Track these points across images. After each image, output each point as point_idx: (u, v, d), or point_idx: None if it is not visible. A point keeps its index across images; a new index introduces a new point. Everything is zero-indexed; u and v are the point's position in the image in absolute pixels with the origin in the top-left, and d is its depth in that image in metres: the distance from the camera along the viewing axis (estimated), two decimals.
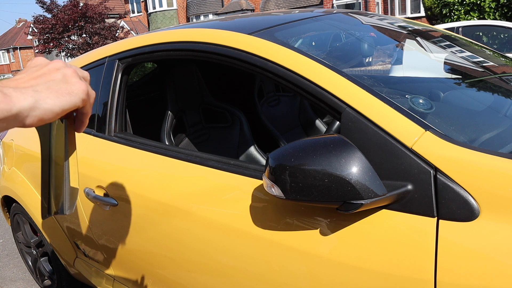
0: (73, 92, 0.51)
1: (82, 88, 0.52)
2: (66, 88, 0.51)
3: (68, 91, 0.51)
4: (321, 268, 0.92)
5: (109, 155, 1.51)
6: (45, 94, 0.48)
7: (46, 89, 0.49)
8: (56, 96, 0.49)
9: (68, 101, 0.50)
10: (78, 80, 0.53)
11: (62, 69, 0.53)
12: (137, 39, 1.57)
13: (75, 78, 0.53)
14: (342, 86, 0.98)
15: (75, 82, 0.52)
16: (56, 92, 0.49)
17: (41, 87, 0.49)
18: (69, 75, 0.53)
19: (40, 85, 0.49)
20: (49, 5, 20.06)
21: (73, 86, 0.52)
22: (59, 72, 0.52)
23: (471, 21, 6.58)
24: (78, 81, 0.53)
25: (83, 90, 0.52)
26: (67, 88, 0.51)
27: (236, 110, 1.91)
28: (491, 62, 1.52)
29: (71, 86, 0.52)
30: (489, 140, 0.95)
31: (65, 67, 0.54)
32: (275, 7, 20.96)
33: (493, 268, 0.71)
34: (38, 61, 0.55)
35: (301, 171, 0.83)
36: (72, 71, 0.53)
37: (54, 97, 0.49)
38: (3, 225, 3.61)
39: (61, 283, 2.18)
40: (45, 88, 0.49)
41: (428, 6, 14.13)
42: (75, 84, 0.52)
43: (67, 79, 0.52)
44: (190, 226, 1.19)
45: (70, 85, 0.52)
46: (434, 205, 0.80)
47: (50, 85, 0.50)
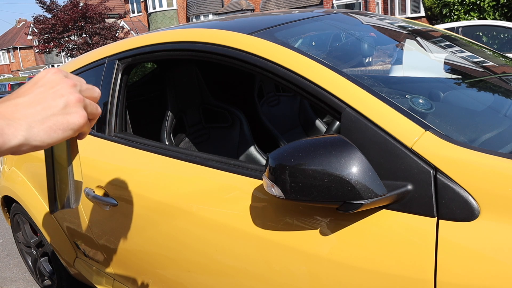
0: (68, 127, 0.50)
1: (79, 122, 0.51)
2: (62, 122, 0.50)
3: (63, 126, 0.50)
4: (321, 268, 0.92)
5: (109, 155, 1.51)
6: (37, 130, 0.48)
7: (41, 123, 0.48)
8: (48, 133, 0.49)
9: (60, 137, 0.50)
10: (78, 111, 0.51)
11: (66, 96, 0.51)
12: (137, 39, 1.57)
13: (77, 107, 0.52)
14: (342, 86, 0.98)
15: (74, 113, 0.51)
16: (49, 128, 0.49)
17: (36, 120, 0.48)
18: (72, 104, 0.51)
19: (35, 116, 0.48)
20: (49, 5, 20.07)
21: (71, 118, 0.51)
22: (62, 99, 0.51)
23: (471, 21, 6.58)
24: (78, 111, 0.51)
25: (79, 123, 0.51)
26: (63, 122, 0.50)
27: (236, 110, 1.91)
28: (491, 62, 1.52)
29: (69, 118, 0.50)
30: (489, 140, 0.95)
31: (70, 93, 0.52)
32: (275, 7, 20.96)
33: (493, 268, 0.71)
34: (46, 79, 0.53)
35: (301, 171, 0.83)
36: (76, 100, 0.52)
37: (46, 133, 0.48)
38: (3, 225, 3.61)
39: (61, 283, 2.18)
40: (39, 122, 0.48)
41: (428, 6, 14.13)
42: (74, 116, 0.51)
43: (68, 109, 0.51)
44: (190, 226, 1.19)
45: (67, 118, 0.50)
46: (434, 205, 0.80)
47: (46, 118, 0.49)
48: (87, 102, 0.54)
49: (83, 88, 0.55)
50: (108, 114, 1.56)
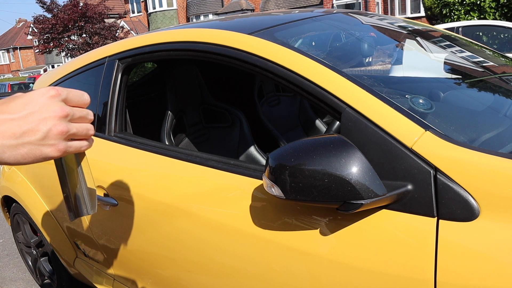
0: (39, 157, 0.51)
1: (52, 155, 0.51)
2: (35, 152, 0.50)
3: (35, 155, 0.50)
4: (321, 268, 0.92)
5: (109, 155, 1.51)
6: (8, 155, 0.49)
7: (14, 149, 0.49)
8: (18, 159, 0.49)
9: (31, 162, 0.51)
10: (56, 144, 0.51)
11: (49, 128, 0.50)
12: (137, 39, 1.57)
13: (56, 140, 0.51)
14: (342, 86, 0.98)
15: (50, 146, 0.51)
16: (21, 155, 0.49)
17: (11, 144, 0.48)
18: (52, 137, 0.51)
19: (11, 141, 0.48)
20: (49, 5, 20.07)
21: (46, 150, 0.51)
22: (44, 129, 0.50)
23: (471, 21, 6.58)
24: (55, 145, 0.51)
25: (52, 156, 0.51)
26: (36, 152, 0.50)
27: (236, 110, 1.91)
28: (491, 62, 1.52)
29: (43, 150, 0.50)
30: (489, 140, 0.95)
31: (55, 125, 0.51)
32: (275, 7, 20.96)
33: (493, 268, 0.71)
34: (39, 102, 0.51)
35: (301, 171, 0.83)
36: (58, 133, 0.51)
37: (16, 160, 0.49)
38: (3, 225, 3.61)
39: (61, 283, 2.18)
40: (13, 148, 0.49)
41: (428, 6, 14.13)
42: (48, 149, 0.51)
43: (46, 141, 0.50)
44: (190, 226, 1.19)
45: (42, 149, 0.50)
46: (434, 205, 0.80)
47: (21, 145, 0.49)
48: (73, 130, 0.54)
49: (76, 116, 0.54)
50: (108, 114, 1.56)
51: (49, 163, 1.78)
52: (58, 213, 1.85)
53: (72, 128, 0.53)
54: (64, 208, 1.78)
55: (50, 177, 1.82)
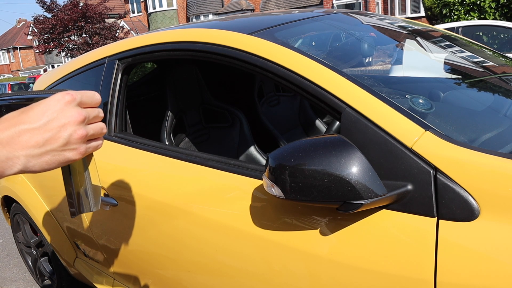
0: (63, 161, 0.52)
1: (75, 158, 0.53)
2: (59, 157, 0.52)
3: (59, 161, 0.52)
4: (321, 268, 0.92)
5: (109, 155, 1.51)
6: (33, 164, 0.50)
7: (38, 157, 0.50)
8: (43, 166, 0.51)
9: (55, 167, 0.52)
10: (78, 148, 0.53)
11: (70, 134, 0.52)
12: (137, 39, 1.57)
13: (77, 144, 0.53)
14: (342, 86, 0.98)
15: (72, 150, 0.53)
16: (45, 162, 0.51)
17: (35, 153, 0.50)
18: (73, 142, 0.53)
19: (35, 150, 0.50)
20: (49, 5, 20.07)
21: (68, 154, 0.53)
22: (65, 136, 0.52)
23: (471, 21, 6.58)
24: (77, 148, 0.53)
25: (74, 159, 0.53)
26: (60, 157, 0.52)
27: (236, 110, 1.91)
28: (491, 62, 1.52)
29: (66, 154, 0.52)
30: (489, 140, 0.95)
31: (75, 130, 0.53)
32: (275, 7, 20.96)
33: (493, 268, 0.71)
34: (57, 109, 0.52)
35: (301, 171, 0.83)
36: (79, 137, 0.53)
37: (41, 167, 0.51)
38: (3, 225, 3.61)
39: (61, 283, 2.18)
40: (37, 157, 0.50)
41: (428, 6, 14.13)
42: (71, 153, 0.53)
43: (68, 146, 0.52)
44: (190, 226, 1.19)
45: (65, 154, 0.52)
46: (434, 205, 0.80)
47: (45, 153, 0.51)
48: (91, 132, 0.55)
49: (91, 116, 0.56)
50: (108, 114, 1.56)
51: None
52: (58, 213, 1.85)
53: (90, 130, 0.55)
54: (64, 208, 1.78)
55: (50, 177, 1.82)
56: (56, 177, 1.76)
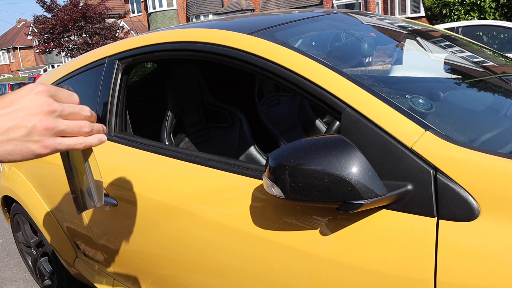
0: (27, 154, 0.50)
1: (39, 152, 0.51)
2: (21, 148, 0.50)
3: (21, 152, 0.50)
4: (321, 268, 0.92)
5: (109, 155, 1.51)
6: None
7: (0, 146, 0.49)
8: (5, 156, 0.49)
9: (19, 160, 0.50)
10: (42, 140, 0.50)
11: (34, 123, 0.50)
12: (137, 39, 1.57)
13: (42, 136, 0.50)
14: (342, 86, 0.98)
15: (36, 142, 0.50)
16: (7, 151, 0.49)
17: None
18: (37, 132, 0.50)
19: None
20: (49, 5, 20.07)
21: (32, 147, 0.50)
22: (29, 125, 0.50)
23: (471, 21, 6.58)
24: (41, 141, 0.50)
25: (39, 153, 0.51)
26: (23, 148, 0.50)
27: (236, 110, 1.91)
28: (491, 62, 1.52)
29: (29, 146, 0.50)
30: (489, 140, 0.95)
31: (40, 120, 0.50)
32: (275, 7, 20.96)
33: (493, 268, 0.71)
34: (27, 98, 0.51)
35: (301, 171, 0.83)
36: (43, 128, 0.50)
37: (3, 156, 0.49)
38: (3, 225, 3.61)
39: (61, 283, 2.18)
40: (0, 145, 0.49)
41: (428, 6, 14.13)
42: (35, 145, 0.50)
43: (31, 137, 0.50)
44: (190, 226, 1.19)
45: (28, 145, 0.50)
46: (434, 205, 0.80)
47: (7, 142, 0.49)
48: (62, 127, 0.52)
49: (65, 112, 0.53)
50: (108, 114, 1.56)
51: (49, 162, 1.78)
52: (58, 213, 1.85)
53: (61, 125, 0.52)
54: (64, 208, 1.78)
55: (50, 177, 1.82)
56: (56, 177, 1.76)
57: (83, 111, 0.56)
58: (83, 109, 0.56)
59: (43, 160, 1.84)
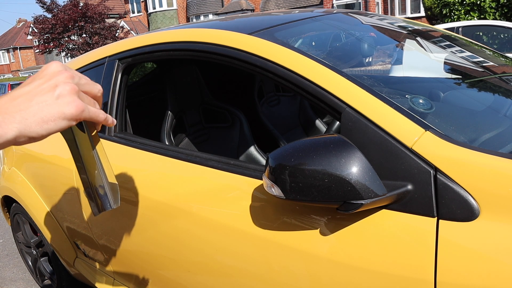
0: (60, 117, 0.52)
1: (72, 112, 0.52)
2: (54, 113, 0.51)
3: (54, 117, 0.51)
4: (321, 268, 0.92)
5: (109, 155, 1.50)
6: (31, 122, 0.50)
7: (33, 115, 0.50)
8: (40, 125, 0.50)
9: (53, 128, 0.51)
10: (72, 100, 0.53)
11: (60, 86, 0.53)
12: (137, 39, 1.57)
13: (71, 97, 0.53)
14: (342, 86, 0.98)
15: (67, 103, 0.52)
16: (42, 119, 0.50)
17: (30, 112, 0.50)
18: (65, 94, 0.52)
19: (29, 109, 0.50)
20: (49, 5, 20.07)
21: (64, 108, 0.52)
22: (56, 89, 0.52)
23: (471, 21, 6.58)
24: (72, 101, 0.53)
25: (72, 113, 0.52)
26: (55, 112, 0.51)
27: (236, 110, 1.91)
28: (491, 62, 1.52)
29: (61, 108, 0.52)
30: (489, 140, 0.95)
31: (65, 83, 0.53)
32: (275, 7, 20.96)
33: (493, 268, 0.71)
34: (46, 71, 0.55)
35: (301, 171, 0.83)
36: (70, 90, 0.53)
37: (39, 125, 0.50)
38: (3, 225, 3.61)
39: (61, 283, 2.18)
40: (32, 114, 0.50)
41: (428, 6, 14.13)
42: (67, 106, 0.52)
43: (61, 99, 0.52)
44: (190, 226, 1.19)
45: (60, 108, 0.52)
46: (434, 205, 0.80)
47: (39, 110, 0.51)
48: (83, 95, 0.55)
49: (82, 82, 0.56)
50: (108, 114, 1.56)
51: (49, 162, 1.78)
52: (58, 213, 1.85)
53: (81, 92, 0.55)
54: (64, 208, 1.78)
55: (50, 177, 1.82)
56: (56, 177, 1.76)
57: (96, 87, 0.59)
58: (96, 85, 0.59)
59: (43, 160, 1.84)
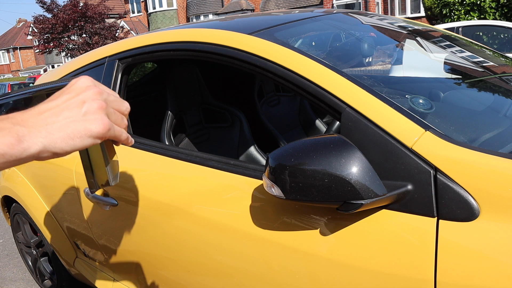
0: (86, 135, 0.50)
1: (98, 130, 0.51)
2: (80, 129, 0.50)
3: (81, 134, 0.50)
4: (321, 268, 0.92)
5: None
6: (56, 137, 0.49)
7: (59, 130, 0.49)
8: (66, 141, 0.49)
9: (79, 145, 0.50)
10: (99, 118, 0.52)
11: (88, 103, 0.52)
12: (137, 39, 1.57)
13: (98, 114, 0.52)
14: (342, 86, 0.98)
15: (94, 120, 0.51)
16: (67, 135, 0.49)
17: (56, 127, 0.49)
18: (92, 111, 0.51)
19: (55, 124, 0.49)
20: (49, 5, 20.07)
21: (91, 126, 0.51)
22: (84, 106, 0.51)
23: (471, 21, 6.58)
24: (99, 119, 0.52)
25: (98, 131, 0.51)
26: (81, 129, 0.50)
27: (236, 110, 1.91)
28: (491, 62, 1.52)
29: (88, 125, 0.51)
30: (489, 140, 0.95)
31: (93, 100, 0.52)
32: (275, 7, 20.96)
33: (493, 268, 0.71)
34: (74, 86, 0.54)
35: (301, 171, 0.83)
36: (98, 107, 0.52)
37: (64, 141, 0.49)
38: (3, 225, 3.61)
39: (61, 283, 2.18)
40: (58, 130, 0.49)
41: (428, 6, 14.13)
42: (94, 123, 0.51)
43: (88, 116, 0.51)
44: (190, 226, 1.19)
45: (87, 125, 0.51)
46: (434, 205, 0.80)
47: (65, 125, 0.50)
48: (111, 111, 0.54)
49: (110, 99, 0.55)
50: None
51: (49, 162, 1.78)
52: (58, 213, 1.85)
53: (109, 108, 0.54)
54: (64, 208, 1.78)
55: (50, 177, 1.82)
56: (56, 177, 1.76)
57: (123, 104, 0.57)
58: (124, 102, 0.57)
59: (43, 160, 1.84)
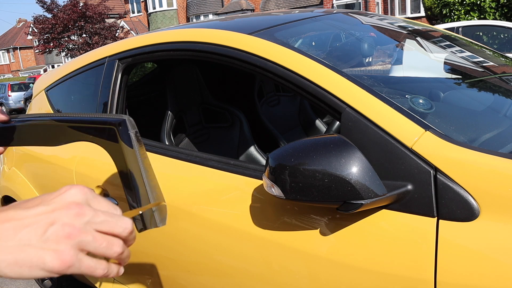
0: (37, 266, 0.39)
1: (53, 265, 0.39)
2: (32, 258, 0.39)
3: (31, 263, 0.39)
4: (321, 268, 0.92)
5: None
6: (2, 259, 0.39)
7: (9, 252, 0.39)
8: (11, 267, 0.39)
9: (26, 275, 0.39)
10: (60, 249, 0.39)
11: (55, 227, 0.40)
12: (137, 39, 1.57)
13: (60, 244, 0.40)
14: (342, 86, 0.98)
15: (52, 253, 0.39)
16: (16, 261, 0.39)
17: (7, 246, 0.39)
18: (54, 239, 0.40)
19: (8, 243, 0.39)
20: (49, 5, 20.08)
21: (45, 256, 0.39)
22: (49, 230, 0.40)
23: (471, 21, 6.58)
24: (58, 250, 0.39)
25: (53, 267, 0.39)
26: (35, 258, 0.39)
27: (236, 110, 1.91)
28: (491, 62, 1.52)
29: (43, 255, 0.39)
30: (489, 140, 0.95)
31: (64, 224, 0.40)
32: (275, 7, 20.97)
33: (493, 268, 0.71)
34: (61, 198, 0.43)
35: (301, 171, 0.83)
36: (63, 236, 0.40)
37: (9, 266, 0.39)
38: None
39: (61, 283, 2.18)
40: (8, 251, 0.39)
41: (428, 6, 14.13)
42: (50, 255, 0.39)
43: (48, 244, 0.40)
44: (190, 226, 1.19)
45: (41, 254, 0.39)
46: (434, 205, 0.80)
47: (18, 249, 0.39)
48: (89, 239, 0.41)
49: (97, 220, 0.42)
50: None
51: (49, 162, 1.78)
52: None
53: (87, 235, 0.41)
54: None
55: (50, 177, 1.82)
56: (56, 177, 1.76)
57: (120, 224, 0.43)
58: (122, 221, 0.44)
59: (43, 160, 1.84)
